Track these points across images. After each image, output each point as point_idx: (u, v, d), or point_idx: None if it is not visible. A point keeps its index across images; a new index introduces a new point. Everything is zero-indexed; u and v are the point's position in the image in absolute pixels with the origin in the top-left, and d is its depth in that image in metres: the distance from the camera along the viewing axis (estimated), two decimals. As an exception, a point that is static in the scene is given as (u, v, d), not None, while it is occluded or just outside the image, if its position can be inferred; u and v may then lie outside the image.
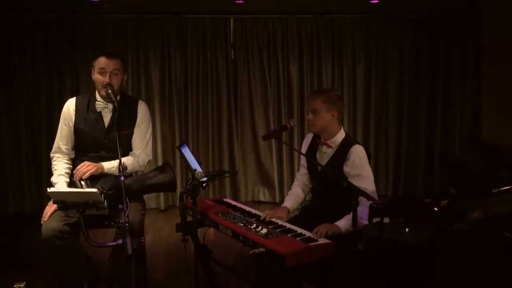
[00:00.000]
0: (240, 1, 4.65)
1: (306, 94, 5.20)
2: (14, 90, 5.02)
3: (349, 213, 2.52)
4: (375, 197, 2.55)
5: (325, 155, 2.77)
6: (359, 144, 2.71)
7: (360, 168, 2.61)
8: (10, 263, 3.72)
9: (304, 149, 2.93)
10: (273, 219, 2.64)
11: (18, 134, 5.08)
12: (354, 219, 2.19)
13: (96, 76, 2.79)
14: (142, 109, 2.95)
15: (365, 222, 2.42)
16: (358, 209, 2.49)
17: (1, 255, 3.93)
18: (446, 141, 5.54)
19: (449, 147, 5.54)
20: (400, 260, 2.44)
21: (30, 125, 5.09)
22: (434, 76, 5.46)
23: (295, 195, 2.96)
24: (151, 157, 3.01)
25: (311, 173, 2.92)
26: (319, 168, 2.76)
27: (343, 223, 2.50)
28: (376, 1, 4.77)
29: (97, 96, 2.85)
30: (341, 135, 2.74)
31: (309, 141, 2.92)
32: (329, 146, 2.74)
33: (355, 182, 2.49)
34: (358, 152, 2.64)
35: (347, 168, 2.63)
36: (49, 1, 4.56)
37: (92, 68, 2.83)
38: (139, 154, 2.91)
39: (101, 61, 2.78)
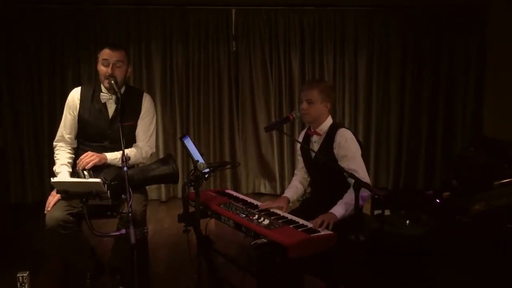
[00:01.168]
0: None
1: (302, 84, 5.18)
2: (16, 80, 5.02)
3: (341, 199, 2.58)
4: (365, 177, 2.57)
5: (315, 144, 2.84)
6: (346, 128, 2.77)
7: (346, 149, 2.66)
8: (13, 253, 3.74)
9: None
10: (274, 210, 2.66)
11: (20, 124, 5.09)
12: (356, 203, 2.21)
13: (100, 67, 2.79)
14: (147, 102, 2.95)
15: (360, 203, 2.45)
16: (349, 191, 2.53)
17: (4, 245, 3.94)
18: (447, 138, 5.52)
19: (450, 144, 5.52)
20: (401, 253, 2.46)
21: (32, 116, 5.10)
22: (436, 72, 5.44)
23: (294, 187, 3.01)
24: (154, 150, 3.02)
25: (307, 165, 2.95)
26: (313, 155, 2.79)
27: (338, 209, 2.52)
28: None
29: (102, 87, 2.86)
30: (328, 121, 2.81)
31: (303, 135, 2.99)
32: (318, 134, 2.80)
33: (343, 163, 2.54)
34: (343, 134, 2.69)
35: (335, 151, 2.69)
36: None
37: (97, 59, 2.83)
38: (143, 146, 2.92)
39: (105, 53, 2.78)
